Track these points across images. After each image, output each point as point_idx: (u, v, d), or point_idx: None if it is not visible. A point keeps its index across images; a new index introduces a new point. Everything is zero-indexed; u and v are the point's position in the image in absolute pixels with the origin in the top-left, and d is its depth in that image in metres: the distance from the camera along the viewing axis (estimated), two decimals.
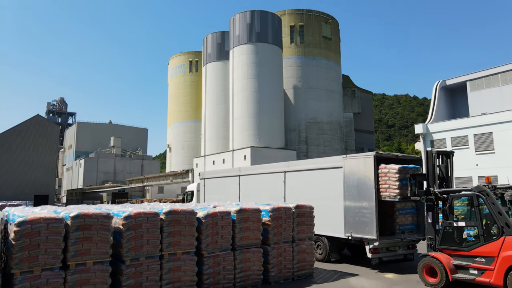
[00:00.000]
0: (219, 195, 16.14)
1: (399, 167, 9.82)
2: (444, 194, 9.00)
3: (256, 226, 8.30)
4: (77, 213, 6.35)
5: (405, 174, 9.82)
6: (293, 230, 8.95)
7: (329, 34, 66.57)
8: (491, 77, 31.37)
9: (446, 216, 8.78)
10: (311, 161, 11.54)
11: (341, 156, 10.63)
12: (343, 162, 10.34)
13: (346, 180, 10.27)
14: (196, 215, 7.53)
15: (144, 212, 6.92)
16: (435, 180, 9.51)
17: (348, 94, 70.18)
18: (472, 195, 8.43)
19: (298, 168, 11.95)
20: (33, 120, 66.77)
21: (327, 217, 10.82)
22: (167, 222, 7.19)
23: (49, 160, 66.62)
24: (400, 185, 9.73)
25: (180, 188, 67.57)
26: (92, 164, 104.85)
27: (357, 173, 10.02)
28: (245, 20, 57.75)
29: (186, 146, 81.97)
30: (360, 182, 9.88)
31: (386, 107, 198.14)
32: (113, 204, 10.91)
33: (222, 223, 7.81)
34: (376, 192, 9.59)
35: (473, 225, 8.34)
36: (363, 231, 9.77)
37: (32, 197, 63.05)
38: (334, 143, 64.99)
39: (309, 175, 11.56)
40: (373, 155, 9.70)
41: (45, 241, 5.97)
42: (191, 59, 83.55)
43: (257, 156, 53.12)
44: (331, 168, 10.74)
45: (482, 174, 27.18)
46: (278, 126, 57.65)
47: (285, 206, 8.98)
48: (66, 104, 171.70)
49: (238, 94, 57.57)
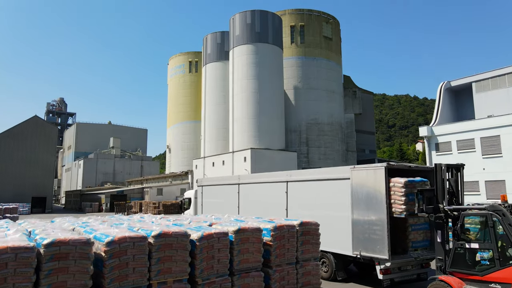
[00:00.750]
0: (217, 204, 15.33)
1: (405, 181, 9.06)
2: (455, 211, 8.26)
3: (256, 247, 7.50)
4: (51, 240, 5.54)
5: (412, 188, 9.09)
6: (297, 250, 8.14)
7: (330, 34, 65.75)
8: (497, 78, 30.54)
9: (458, 236, 8.03)
10: (315, 171, 10.74)
11: (349, 166, 9.81)
12: (350, 173, 9.51)
13: (354, 193, 9.47)
14: (189, 238, 6.72)
15: (129, 237, 6.11)
16: (444, 195, 8.83)
17: (349, 95, 69.35)
18: (487, 215, 7.67)
19: (301, 178, 11.15)
20: (31, 121, 66.01)
21: (333, 232, 10.02)
22: (156, 247, 6.38)
23: (47, 161, 65.93)
24: (406, 200, 8.98)
25: (180, 190, 66.79)
26: (92, 165, 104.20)
27: (366, 186, 9.22)
28: (245, 20, 56.92)
29: (185, 147, 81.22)
30: (370, 196, 9.08)
31: (387, 107, 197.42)
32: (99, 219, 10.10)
33: (219, 246, 7.00)
34: (387, 207, 8.79)
35: (488, 247, 7.58)
36: (374, 250, 8.98)
37: (30, 199, 62.44)
38: (335, 144, 64.18)
39: (313, 185, 10.75)
40: (384, 166, 8.88)
41: (13, 274, 5.18)
42: (191, 59, 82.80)
43: (257, 157, 52.37)
44: (337, 179, 9.93)
45: (489, 179, 26.39)
46: (279, 127, 56.87)
47: (288, 223, 8.16)
48: (66, 105, 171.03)
49: (238, 95, 56.80)
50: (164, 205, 52.27)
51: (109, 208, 60.52)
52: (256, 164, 51.65)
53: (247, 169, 51.67)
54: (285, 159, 54.92)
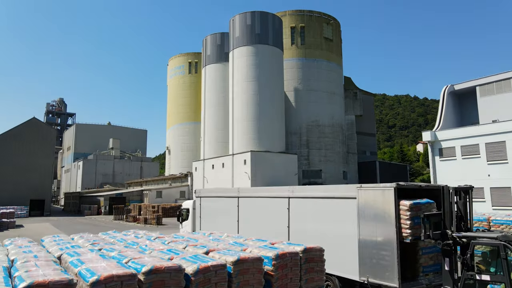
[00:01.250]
0: (216, 218, 14.76)
1: (410, 203, 8.49)
2: (464, 238, 7.72)
3: (257, 279, 6.93)
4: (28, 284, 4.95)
5: (417, 211, 8.54)
6: (301, 279, 7.58)
7: (331, 35, 65.16)
8: (502, 82, 29.94)
9: (467, 266, 7.49)
10: (319, 188, 10.16)
11: (355, 185, 9.22)
12: (357, 192, 8.95)
13: (360, 214, 8.89)
14: (183, 272, 6.15)
15: (117, 275, 5.54)
16: (452, 220, 8.33)
17: (350, 96, 68.76)
18: (499, 245, 7.13)
19: (304, 195, 10.57)
20: (29, 123, 65.37)
21: (339, 254, 9.46)
22: (147, 285, 5.82)
23: (45, 163, 65.29)
24: (411, 224, 8.43)
25: (179, 193, 66.29)
26: (91, 166, 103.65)
27: (374, 207, 8.65)
28: (245, 22, 56.32)
29: (185, 148, 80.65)
30: (378, 218, 8.51)
31: (387, 107, 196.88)
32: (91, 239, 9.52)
33: (216, 280, 6.43)
34: (397, 231, 8.22)
35: (500, 280, 7.05)
36: (382, 277, 8.41)
37: (28, 202, 61.85)
38: (336, 146, 63.58)
39: (316, 203, 10.18)
40: (394, 187, 8.29)
41: None
42: (191, 60, 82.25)
43: (257, 160, 51.81)
44: (342, 198, 9.36)
45: (495, 185, 25.81)
46: (279, 129, 56.29)
47: (291, 251, 7.59)
48: (66, 105, 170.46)
49: (238, 97, 56.22)
50: (163, 208, 51.76)
51: (108, 210, 59.97)
52: (256, 167, 51.12)
53: (247, 172, 51.12)
54: (286, 161, 54.38)
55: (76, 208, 72.22)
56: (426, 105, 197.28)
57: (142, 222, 40.09)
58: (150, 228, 36.11)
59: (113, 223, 42.56)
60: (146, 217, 40.04)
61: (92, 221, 46.25)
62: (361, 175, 67.48)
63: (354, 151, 67.35)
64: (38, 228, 37.26)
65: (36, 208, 62.64)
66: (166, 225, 38.17)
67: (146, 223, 39.55)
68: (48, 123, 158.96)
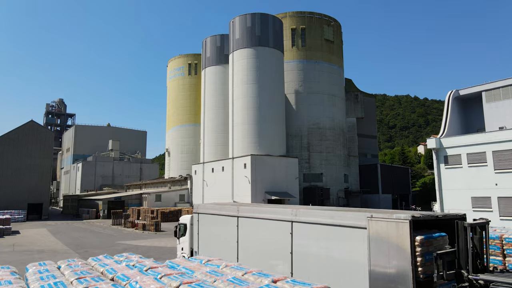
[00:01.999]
0: (214, 237, 14.03)
1: (421, 238, 7.73)
2: (481, 281, 7.00)
3: None
4: None
5: (429, 246, 7.82)
6: None
7: (332, 37, 64.44)
8: (509, 88, 29.18)
9: None
10: (324, 214, 9.41)
11: (365, 214, 8.47)
12: (367, 223, 8.22)
13: (371, 247, 8.16)
14: None
15: None
16: (468, 260, 7.62)
17: (351, 99, 68.04)
18: None
19: (308, 220, 9.85)
20: (26, 126, 64.58)
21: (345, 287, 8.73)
22: None
23: (43, 167, 64.52)
24: (422, 261, 7.70)
25: (178, 196, 65.57)
26: (90, 168, 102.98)
27: (386, 240, 7.93)
28: (245, 23, 55.58)
29: (185, 150, 79.97)
30: (391, 254, 7.79)
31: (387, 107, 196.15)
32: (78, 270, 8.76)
33: None
34: (414, 269, 7.48)
35: None
36: None
37: (26, 206, 61.14)
38: (337, 149, 62.87)
39: (321, 230, 9.46)
40: (409, 220, 7.54)
41: None
42: (190, 61, 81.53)
43: (258, 164, 51.09)
44: (350, 227, 8.65)
45: (502, 195, 25.07)
46: (279, 132, 55.57)
47: None
48: (65, 105, 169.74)
49: (238, 100, 55.49)
50: (162, 213, 51.08)
51: (107, 214, 59.27)
52: (256, 171, 50.41)
53: (247, 176, 50.42)
54: (286, 165, 53.67)
55: (75, 211, 71.53)
56: (426, 106, 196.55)
57: (140, 229, 39.37)
58: (148, 235, 35.43)
59: (111, 229, 41.86)
60: (145, 223, 39.31)
61: (90, 226, 45.54)
62: (362, 178, 66.78)
63: (355, 154, 66.65)
64: (35, 235, 36.57)
65: (34, 211, 61.92)
66: (165, 231, 37.48)
67: (145, 229, 38.84)
68: (47, 123, 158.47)
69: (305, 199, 57.60)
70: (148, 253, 23.52)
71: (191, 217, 16.07)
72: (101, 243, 29.56)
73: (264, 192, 50.40)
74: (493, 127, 29.83)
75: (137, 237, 33.77)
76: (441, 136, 29.17)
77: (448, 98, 31.29)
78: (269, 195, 50.16)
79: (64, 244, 28.67)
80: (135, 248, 26.22)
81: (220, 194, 55.87)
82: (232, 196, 53.17)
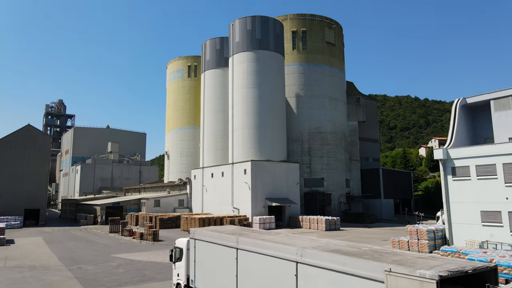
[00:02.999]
0: (211, 268, 13.03)
1: None
2: None
3: None
4: None
5: None
6: None
7: (333, 40, 63.43)
8: None
9: None
10: (335, 257, 8.38)
11: (382, 264, 7.41)
12: (385, 277, 7.19)
13: None
14: None
15: None
16: None
17: (353, 102, 66.98)
18: None
19: (315, 263, 8.82)
20: (23, 130, 63.51)
21: None
22: None
23: (40, 172, 63.41)
24: None
25: (177, 201, 64.51)
26: (89, 170, 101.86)
27: None
28: (245, 26, 54.55)
29: (184, 153, 78.94)
30: None
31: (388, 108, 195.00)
32: None
33: None
34: None
35: None
36: None
37: (22, 211, 60.06)
38: (338, 154, 61.87)
39: (331, 277, 8.45)
40: (436, 280, 6.46)
41: None
42: (190, 63, 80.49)
43: (258, 170, 50.07)
44: (364, 278, 7.65)
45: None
46: (280, 137, 54.56)
47: None
48: (65, 106, 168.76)
49: (238, 104, 54.49)
50: (161, 220, 49.93)
51: (104, 220, 58.23)
52: (256, 177, 49.40)
53: (247, 182, 49.42)
54: (287, 170, 52.66)
55: (73, 215, 70.52)
56: (427, 106, 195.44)
57: (138, 238, 38.36)
58: (146, 245, 34.42)
59: (108, 237, 40.89)
60: (143, 232, 38.29)
61: (87, 234, 44.58)
62: (364, 182, 65.78)
63: (357, 158, 65.63)
64: (29, 245, 35.61)
65: (31, 217, 60.87)
66: (163, 241, 36.49)
67: (142, 239, 37.83)
68: (47, 124, 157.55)
69: (306, 205, 56.60)
70: (144, 271, 22.54)
71: (188, 242, 15.09)
72: (96, 256, 28.58)
73: (265, 199, 49.43)
74: (502, 137, 28.82)
75: (134, 248, 32.79)
76: (448, 146, 28.16)
77: (455, 106, 30.27)
78: (269, 201, 49.19)
79: (58, 257, 27.70)
80: (131, 263, 25.21)
81: (219, 200, 54.88)
82: (232, 203, 52.20)
